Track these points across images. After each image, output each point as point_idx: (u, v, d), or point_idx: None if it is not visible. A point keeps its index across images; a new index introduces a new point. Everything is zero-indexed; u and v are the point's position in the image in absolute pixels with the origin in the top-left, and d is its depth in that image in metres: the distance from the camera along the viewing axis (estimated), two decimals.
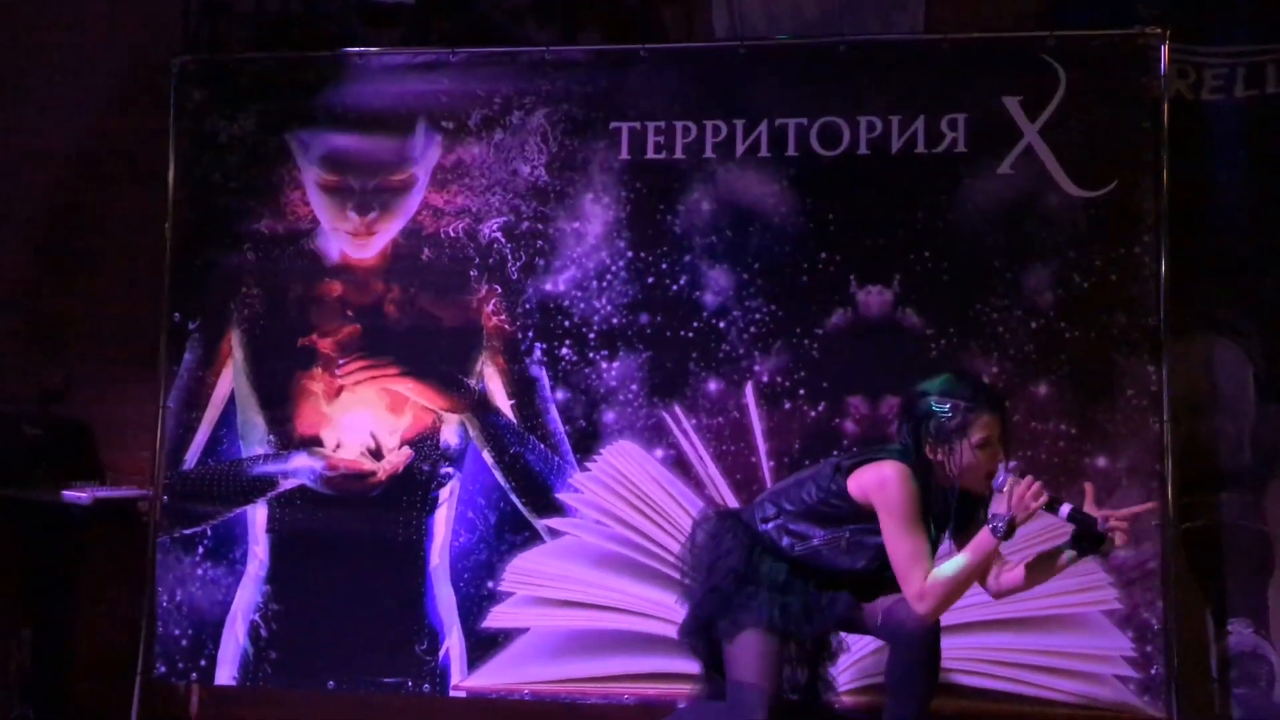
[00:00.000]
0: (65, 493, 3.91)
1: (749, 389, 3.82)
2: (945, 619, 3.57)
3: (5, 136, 4.42)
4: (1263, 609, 3.69)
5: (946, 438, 2.82)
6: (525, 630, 3.86)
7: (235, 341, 4.08)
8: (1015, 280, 3.73)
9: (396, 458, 3.97)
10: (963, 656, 3.63)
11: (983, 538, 2.78)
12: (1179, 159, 3.72)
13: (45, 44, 4.43)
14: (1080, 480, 3.58)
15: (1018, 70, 3.79)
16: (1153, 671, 3.56)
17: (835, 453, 3.73)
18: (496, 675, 3.85)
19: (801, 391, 3.78)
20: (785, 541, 2.92)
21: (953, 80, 3.82)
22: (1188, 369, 3.75)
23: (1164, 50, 3.71)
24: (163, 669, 4.01)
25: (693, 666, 3.15)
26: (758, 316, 3.83)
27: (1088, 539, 2.84)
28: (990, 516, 2.81)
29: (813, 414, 3.79)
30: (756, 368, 3.82)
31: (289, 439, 4.03)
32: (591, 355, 3.91)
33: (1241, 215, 3.82)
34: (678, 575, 3.17)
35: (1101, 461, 3.65)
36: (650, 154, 3.94)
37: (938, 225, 3.79)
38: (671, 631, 3.24)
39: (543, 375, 3.93)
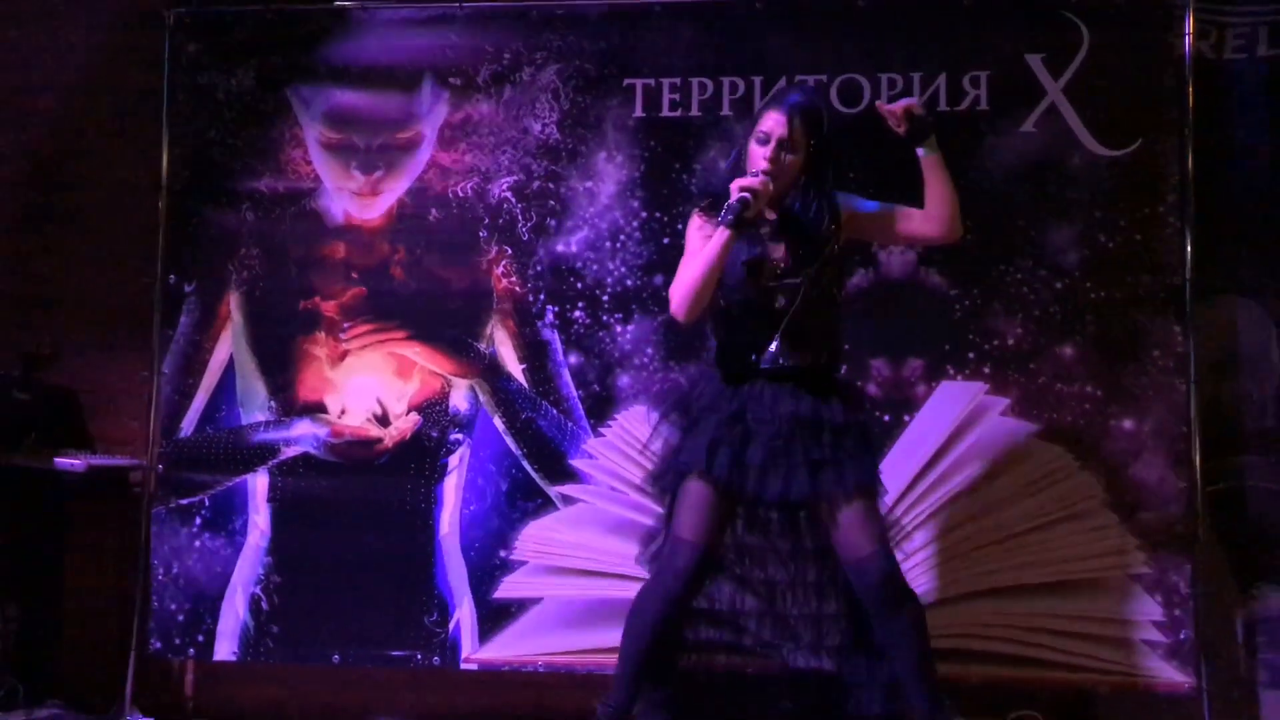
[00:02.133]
0: (57, 460, 3.74)
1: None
2: (963, 587, 3.56)
3: None
4: None
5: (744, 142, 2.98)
6: (538, 600, 3.75)
7: (234, 304, 3.94)
8: (1039, 240, 3.67)
9: (404, 424, 3.85)
10: (988, 622, 3.58)
11: (719, 233, 2.86)
12: (1201, 118, 3.68)
13: None
14: (1106, 441, 3.57)
15: (1041, 28, 3.73)
16: (1181, 636, 3.52)
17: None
18: (509, 647, 3.74)
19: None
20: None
21: (975, 37, 3.75)
22: (1212, 331, 3.70)
23: (1189, 8, 3.67)
24: (158, 645, 3.86)
25: (709, 633, 3.08)
26: None
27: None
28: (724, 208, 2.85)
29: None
30: None
31: (291, 405, 3.90)
32: (605, 318, 3.80)
33: (1265, 176, 3.78)
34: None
35: (1127, 424, 3.59)
36: (665, 111, 3.84)
37: (960, 184, 3.64)
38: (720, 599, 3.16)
39: (555, 339, 3.82)
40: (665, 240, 3.78)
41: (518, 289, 3.85)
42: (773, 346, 2.94)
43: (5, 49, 4.25)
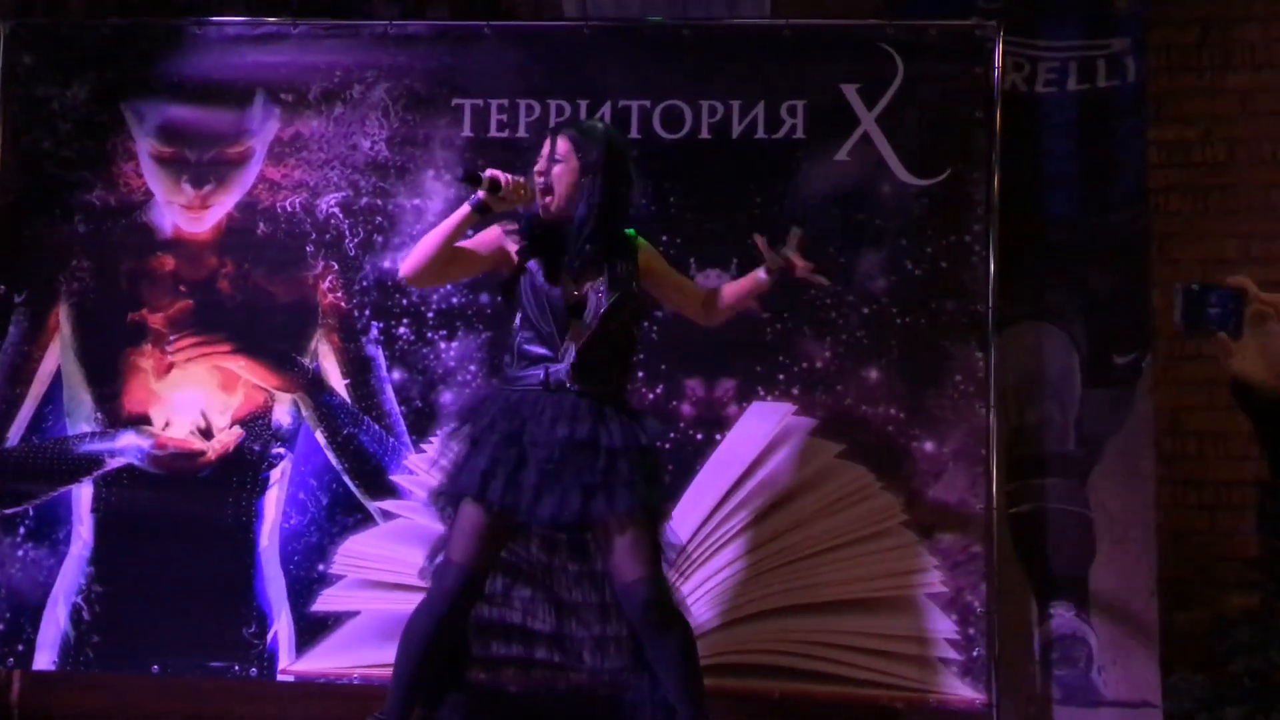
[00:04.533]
0: None
1: None
2: (768, 603, 3.64)
3: None
4: (1084, 592, 3.76)
5: None
6: (356, 613, 3.79)
7: (63, 316, 3.96)
8: (849, 266, 3.77)
9: (227, 437, 3.89)
10: (786, 639, 3.66)
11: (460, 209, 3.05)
12: (1011, 150, 3.79)
13: None
14: (907, 463, 3.67)
15: (857, 58, 3.83)
16: (974, 654, 3.62)
17: (673, 434, 3.76)
18: (326, 659, 3.78)
19: (640, 374, 3.76)
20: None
21: (793, 66, 3.84)
22: (1015, 356, 3.82)
23: (998, 42, 3.78)
24: None
25: (501, 649, 3.14)
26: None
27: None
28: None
29: (650, 396, 3.78)
30: None
31: (117, 417, 3.92)
32: (430, 335, 3.86)
33: (1070, 205, 3.90)
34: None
35: (929, 446, 3.69)
36: (494, 132, 3.91)
37: (776, 210, 3.80)
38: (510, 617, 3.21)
39: (379, 354, 3.87)
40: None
41: (343, 304, 3.89)
42: (561, 371, 2.98)
43: None
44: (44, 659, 3.85)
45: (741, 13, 4.11)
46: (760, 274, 3.21)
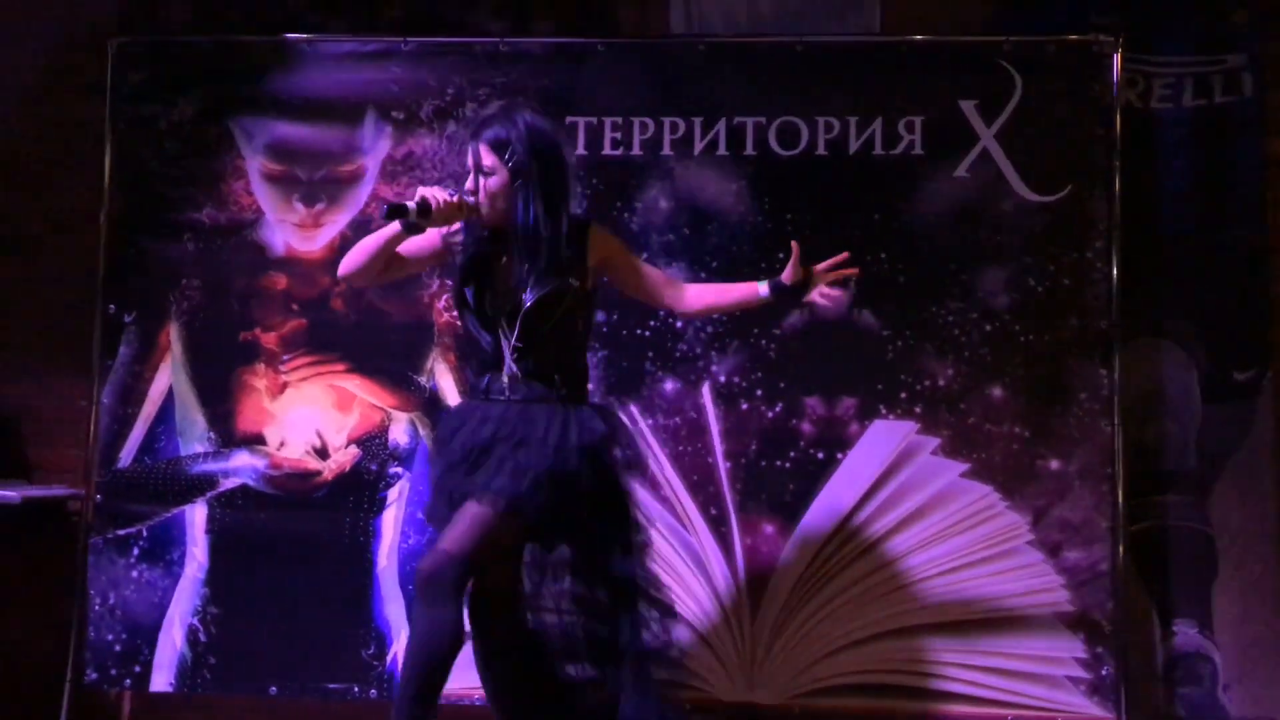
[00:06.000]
0: None
1: (706, 389, 3.79)
2: (893, 623, 3.64)
3: None
4: (1207, 610, 3.75)
5: None
6: None
7: (174, 335, 3.94)
8: (970, 283, 3.76)
9: (343, 457, 3.87)
10: (913, 659, 3.65)
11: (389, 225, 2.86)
12: (1129, 166, 3.78)
13: None
14: (1032, 481, 3.66)
15: (974, 74, 3.81)
16: (1103, 672, 3.61)
17: (792, 453, 3.75)
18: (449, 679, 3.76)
19: (759, 392, 3.76)
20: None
21: (910, 83, 3.83)
22: (1137, 373, 3.81)
23: (1116, 58, 3.76)
24: (94, 675, 3.85)
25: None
26: (715, 316, 3.80)
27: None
28: None
29: (770, 414, 3.77)
30: (714, 368, 3.80)
31: (230, 437, 3.90)
32: None
33: (1187, 221, 3.89)
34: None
35: (1054, 464, 3.68)
36: (607, 150, 3.89)
37: (894, 227, 3.79)
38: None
39: None
40: (604, 277, 3.82)
41: (459, 323, 3.87)
42: (503, 378, 2.89)
43: None
44: (161, 680, 3.84)
45: (849, 28, 4.09)
46: (761, 290, 3.05)
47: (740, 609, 3.71)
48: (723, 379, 3.79)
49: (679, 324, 3.80)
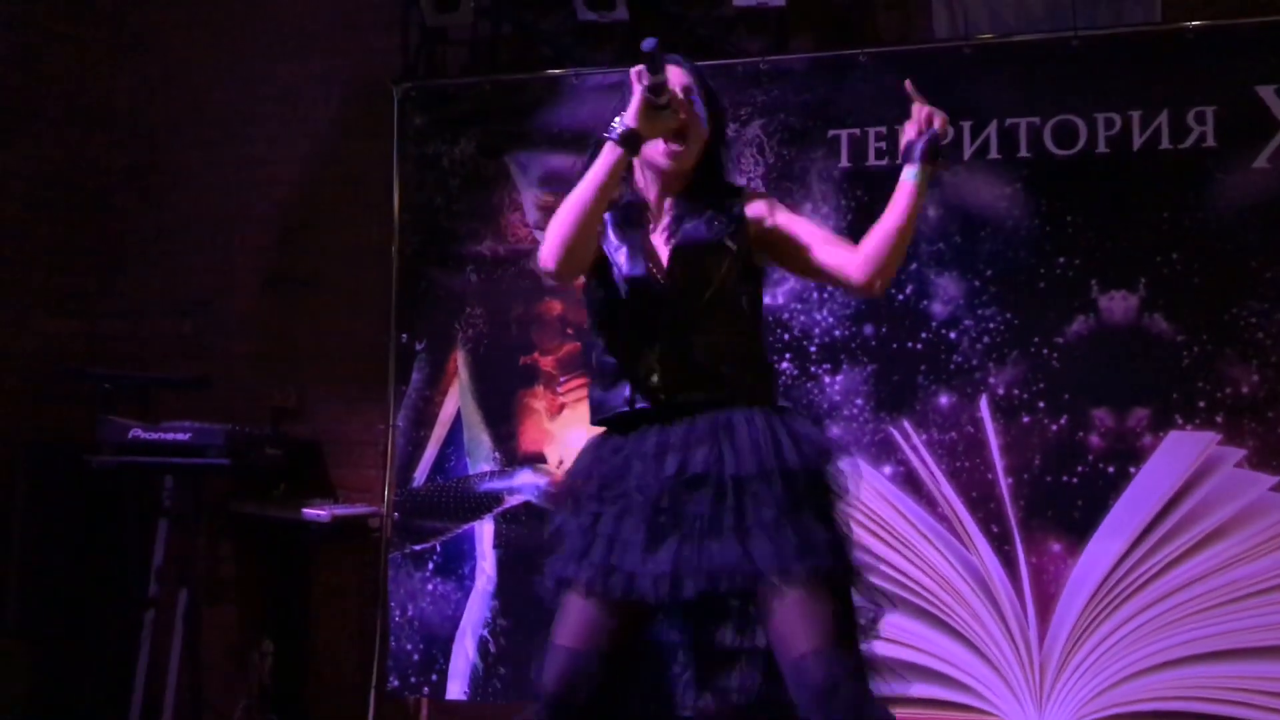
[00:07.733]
0: (305, 510, 4.05)
1: (983, 402, 3.67)
2: (1195, 648, 3.40)
3: (236, 166, 4.61)
4: None
5: None
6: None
7: (460, 361, 4.16)
8: (1275, 281, 3.49)
9: None
10: (1220, 685, 3.41)
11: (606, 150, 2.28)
12: None
13: (272, 75, 4.59)
14: None
15: (1272, 56, 3.54)
16: None
17: (1080, 468, 3.58)
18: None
19: (1041, 404, 3.61)
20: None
21: (1198, 70, 3.59)
22: None
23: None
24: (395, 683, 4.10)
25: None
26: (991, 325, 3.68)
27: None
28: None
29: (1054, 428, 3.61)
30: (991, 379, 3.67)
31: (514, 456, 4.08)
32: (813, 369, 3.82)
33: None
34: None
35: None
36: (871, 160, 3.84)
37: (1186, 224, 3.57)
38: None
39: None
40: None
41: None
42: (653, 380, 2.21)
43: (253, 125, 4.61)
44: (455, 689, 4.04)
45: (1128, 18, 3.87)
46: (906, 175, 2.31)
47: (1026, 630, 3.57)
48: (1001, 391, 3.66)
49: (952, 334, 3.69)
